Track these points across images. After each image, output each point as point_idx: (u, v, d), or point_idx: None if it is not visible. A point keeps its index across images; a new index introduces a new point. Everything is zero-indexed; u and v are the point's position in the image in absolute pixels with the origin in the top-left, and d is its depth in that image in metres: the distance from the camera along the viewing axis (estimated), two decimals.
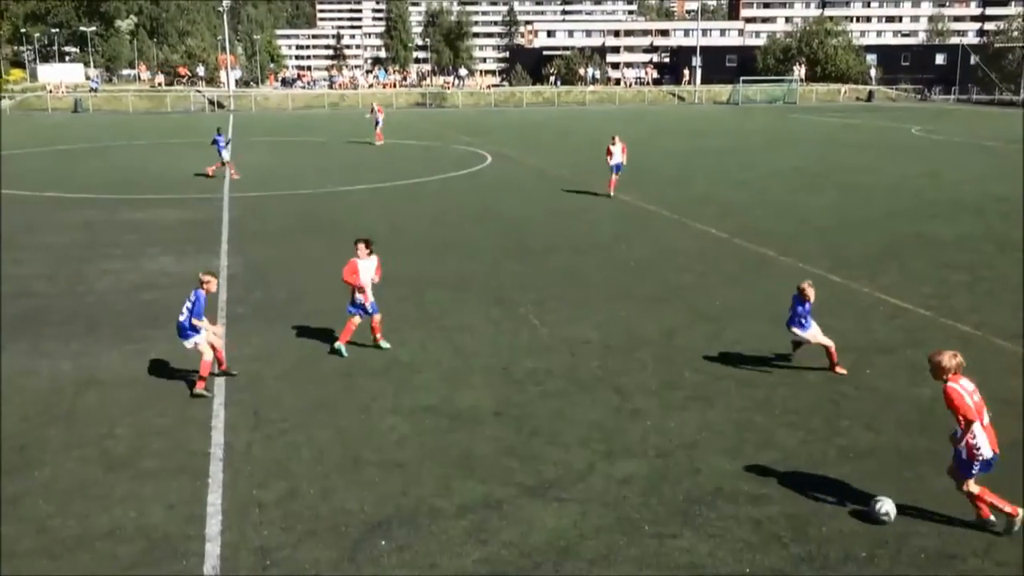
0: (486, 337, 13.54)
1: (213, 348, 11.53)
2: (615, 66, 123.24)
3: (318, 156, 39.63)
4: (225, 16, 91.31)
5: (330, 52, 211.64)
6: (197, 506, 8.41)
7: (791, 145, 44.21)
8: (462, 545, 7.74)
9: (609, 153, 27.84)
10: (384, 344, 12.97)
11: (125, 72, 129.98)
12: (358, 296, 12.84)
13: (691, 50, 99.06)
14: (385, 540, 7.82)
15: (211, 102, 79.66)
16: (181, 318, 11.27)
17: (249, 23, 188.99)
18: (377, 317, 12.95)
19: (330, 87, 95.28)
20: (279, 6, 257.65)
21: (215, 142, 32.36)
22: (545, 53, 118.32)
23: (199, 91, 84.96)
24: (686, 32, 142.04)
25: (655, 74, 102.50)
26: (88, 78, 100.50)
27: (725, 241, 20.54)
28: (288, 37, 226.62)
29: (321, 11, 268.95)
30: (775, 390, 11.29)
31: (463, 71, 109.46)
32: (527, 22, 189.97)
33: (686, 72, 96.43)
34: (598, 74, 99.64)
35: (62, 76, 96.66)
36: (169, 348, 12.81)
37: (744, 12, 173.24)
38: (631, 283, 16.77)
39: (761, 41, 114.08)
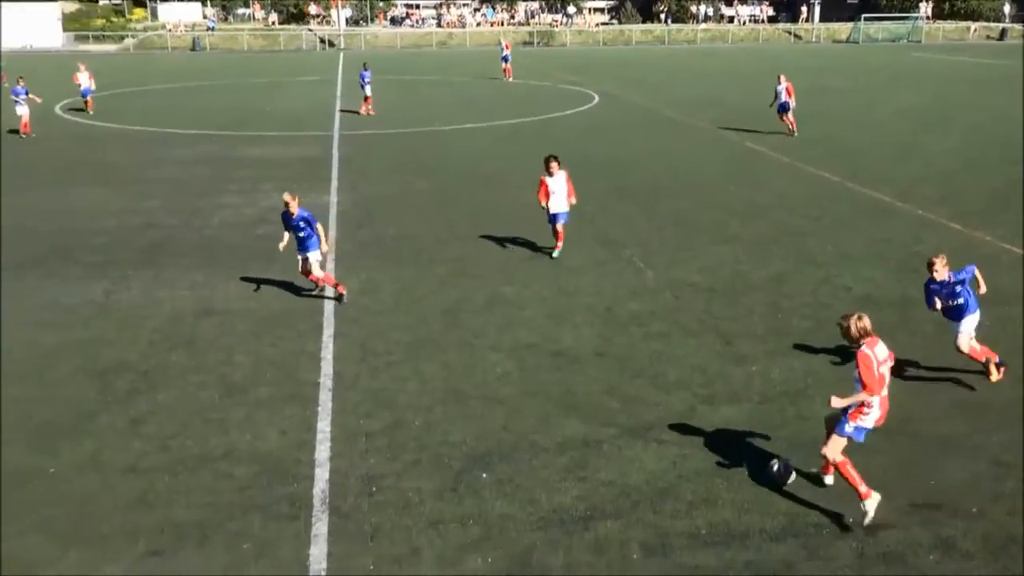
0: (590, 278, 13.52)
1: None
2: (728, 3, 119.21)
3: (426, 95, 39.79)
4: None
5: None
6: (307, 433, 8.74)
7: (914, 86, 42.15)
8: (561, 481, 7.84)
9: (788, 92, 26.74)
10: (556, 254, 14.48)
11: (240, 11, 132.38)
12: (552, 208, 14.22)
13: None
14: (486, 473, 7.98)
15: (322, 41, 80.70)
16: (302, 235, 12.11)
17: None
18: (560, 224, 14.43)
19: (438, 26, 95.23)
20: None
21: (361, 77, 32.43)
22: None
23: (311, 30, 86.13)
24: None
25: (771, 11, 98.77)
26: (205, 17, 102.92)
27: (839, 185, 19.86)
28: None
29: None
30: (890, 338, 10.93)
31: (571, 9, 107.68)
32: None
33: (803, 9, 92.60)
34: (710, 11, 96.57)
35: (181, 15, 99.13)
36: (281, 282, 13.24)
37: None
38: (739, 226, 16.42)
39: None
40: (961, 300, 9.51)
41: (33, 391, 9.72)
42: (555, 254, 14.53)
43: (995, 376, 9.70)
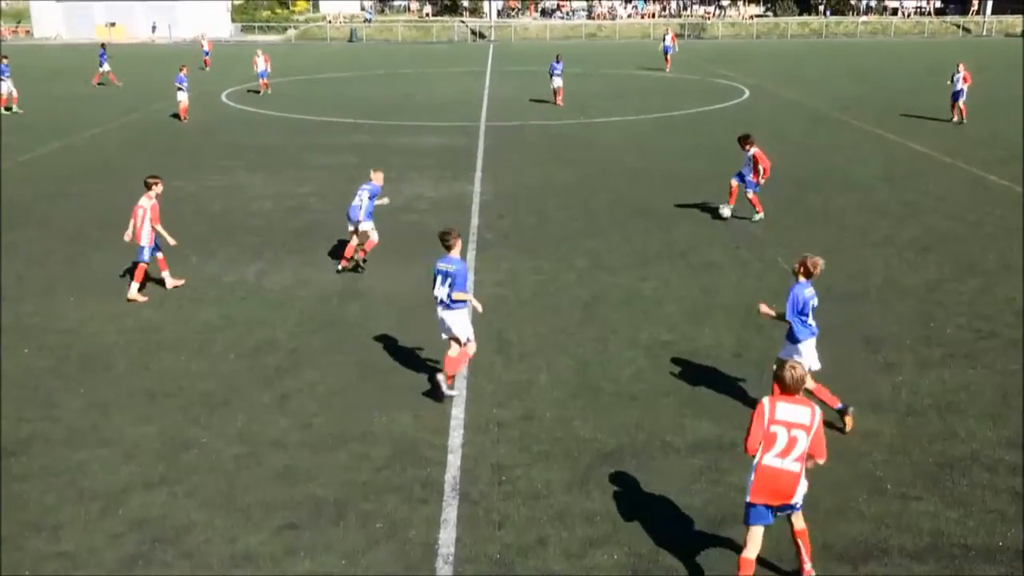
0: (732, 276, 13.22)
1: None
2: None
3: (573, 87, 39.80)
4: None
5: None
6: (442, 418, 8.92)
7: None
8: (692, 483, 7.71)
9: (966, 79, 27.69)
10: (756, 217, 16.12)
11: (396, 3, 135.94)
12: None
13: None
14: (616, 469, 7.94)
15: (473, 32, 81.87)
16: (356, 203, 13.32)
17: None
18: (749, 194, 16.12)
19: (588, 18, 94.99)
20: None
21: (552, 68, 33.25)
22: None
23: (463, 22, 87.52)
24: None
25: (938, 3, 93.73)
26: (363, 8, 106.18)
27: (1006, 189, 18.68)
28: None
29: None
30: None
31: (725, 0, 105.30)
32: None
33: (974, 1, 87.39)
34: (872, 3, 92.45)
35: (340, 7, 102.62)
36: (423, 270, 13.51)
37: None
38: (893, 228, 15.70)
39: None
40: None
41: (193, 364, 10.30)
42: (756, 217, 16.30)
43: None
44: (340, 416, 9.00)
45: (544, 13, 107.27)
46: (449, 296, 9.14)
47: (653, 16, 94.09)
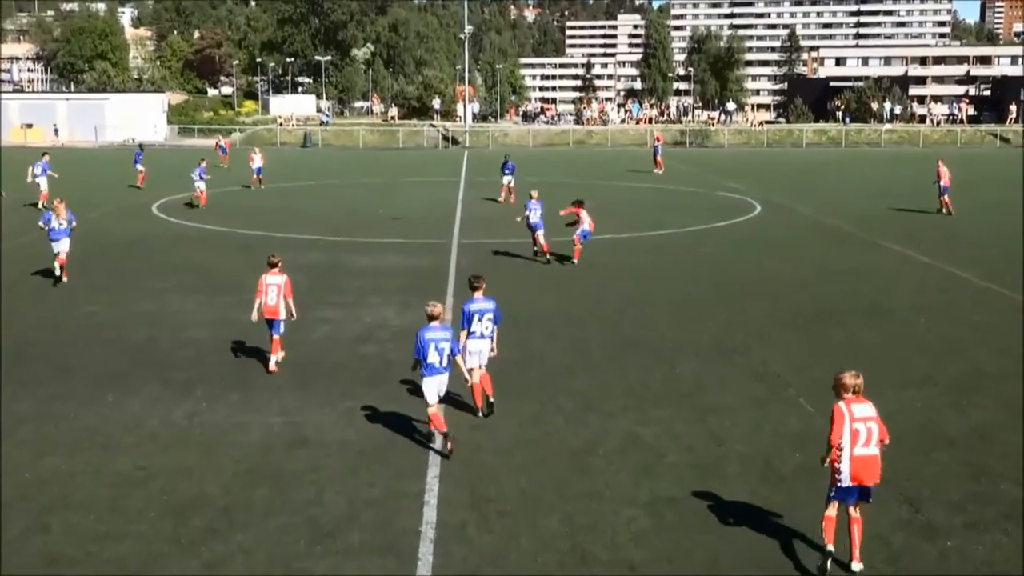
0: (746, 421, 13.18)
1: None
2: (920, 100, 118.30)
3: (559, 200, 40.53)
4: (466, 44, 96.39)
5: (578, 83, 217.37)
6: None
7: None
8: None
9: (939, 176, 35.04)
10: None
11: (358, 104, 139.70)
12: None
13: (1019, 80, 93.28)
14: None
15: (445, 138, 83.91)
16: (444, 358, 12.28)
17: (492, 51, 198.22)
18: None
19: (577, 122, 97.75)
20: (525, 32, 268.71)
21: (504, 168, 40.56)
22: (832, 84, 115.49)
23: (433, 125, 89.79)
24: (1013, 59, 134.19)
25: (971, 110, 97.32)
26: (319, 110, 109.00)
27: None
28: (533, 66, 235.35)
29: (570, 37, 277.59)
30: None
31: (731, 105, 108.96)
32: (811, 48, 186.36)
33: (1012, 108, 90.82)
34: (898, 109, 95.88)
35: (294, 108, 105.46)
36: (383, 411, 13.43)
37: None
38: (932, 366, 15.81)
39: None
40: None
41: (103, 524, 10.03)
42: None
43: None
44: None
45: (526, 117, 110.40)
46: (491, 330, 13.45)
47: (651, 121, 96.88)
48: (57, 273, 22.46)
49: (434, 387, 12.18)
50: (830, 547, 8.88)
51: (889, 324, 18.70)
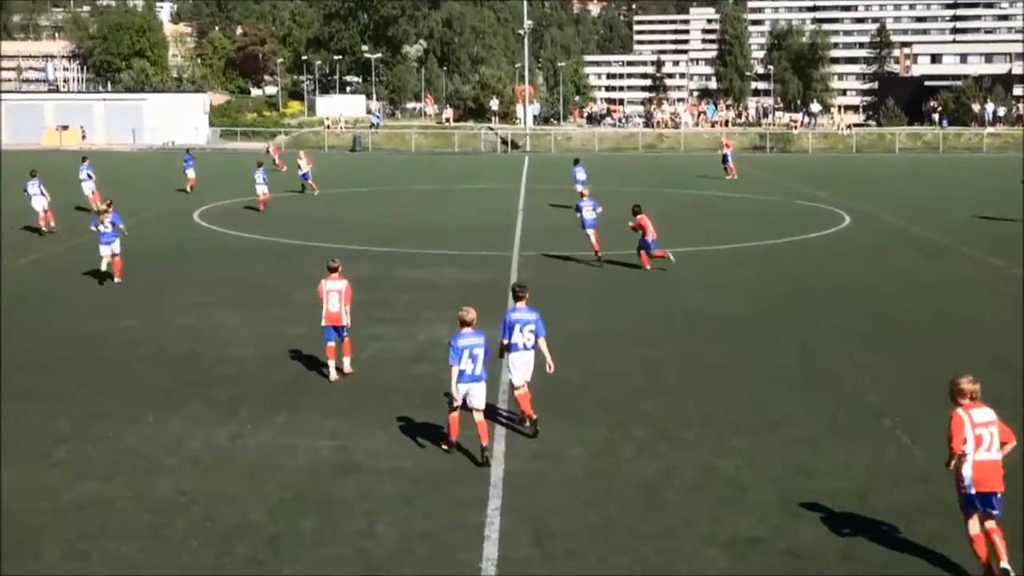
0: (835, 453, 13.02)
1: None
2: None
3: (628, 209, 40.46)
4: (526, 40, 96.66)
5: (647, 82, 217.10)
6: None
7: None
8: None
9: None
10: None
11: (410, 105, 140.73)
12: None
13: None
14: None
15: (504, 141, 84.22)
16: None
17: (554, 48, 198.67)
18: None
19: (646, 125, 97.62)
20: (589, 28, 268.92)
21: (573, 174, 40.23)
22: (927, 84, 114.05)
23: (490, 128, 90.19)
24: None
25: None
26: (369, 111, 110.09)
27: None
28: (598, 64, 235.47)
29: (639, 32, 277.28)
30: None
31: (815, 106, 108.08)
32: (903, 44, 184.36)
33: None
34: (1001, 111, 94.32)
35: (341, 108, 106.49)
36: (439, 436, 13.47)
37: None
38: None
39: None
40: None
41: (144, 553, 10.18)
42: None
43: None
44: None
45: (591, 119, 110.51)
46: (533, 343, 13.55)
47: (726, 124, 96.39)
48: (103, 269, 24.19)
49: (462, 393, 12.76)
50: (992, 564, 9.21)
51: (993, 347, 18.35)
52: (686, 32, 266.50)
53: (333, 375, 16.19)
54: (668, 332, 19.87)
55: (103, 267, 24.18)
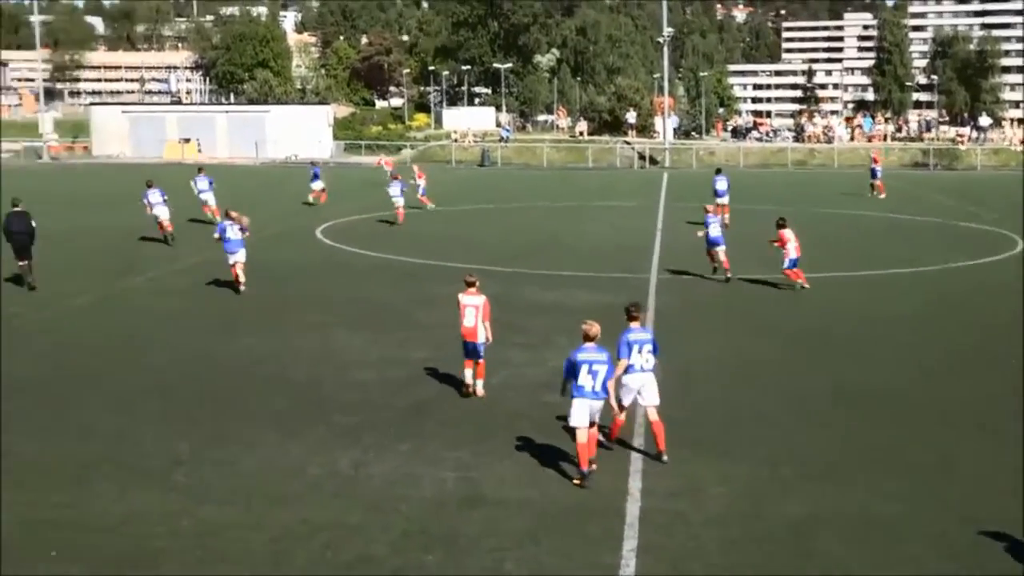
0: (1007, 501, 12.55)
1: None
2: None
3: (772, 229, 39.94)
4: (665, 48, 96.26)
5: (797, 93, 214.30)
6: None
7: None
8: None
9: None
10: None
11: (541, 118, 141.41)
12: None
13: None
14: None
15: (641, 156, 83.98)
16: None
17: (695, 56, 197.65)
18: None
19: (796, 139, 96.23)
20: (734, 35, 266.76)
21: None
22: None
23: (627, 142, 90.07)
24: None
25: None
26: (498, 124, 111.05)
27: None
28: (743, 74, 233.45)
29: (788, 40, 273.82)
30: None
31: (984, 120, 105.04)
32: None
33: None
34: None
35: (469, 121, 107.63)
36: (569, 466, 13.45)
37: None
38: None
39: None
40: None
41: None
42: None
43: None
44: None
45: (736, 133, 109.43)
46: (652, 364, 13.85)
47: (885, 138, 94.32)
48: (235, 278, 25.88)
49: (584, 410, 12.97)
50: None
51: None
52: (840, 39, 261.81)
53: (468, 380, 16.90)
54: (818, 363, 19.50)
55: (239, 275, 25.78)
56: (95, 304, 25.02)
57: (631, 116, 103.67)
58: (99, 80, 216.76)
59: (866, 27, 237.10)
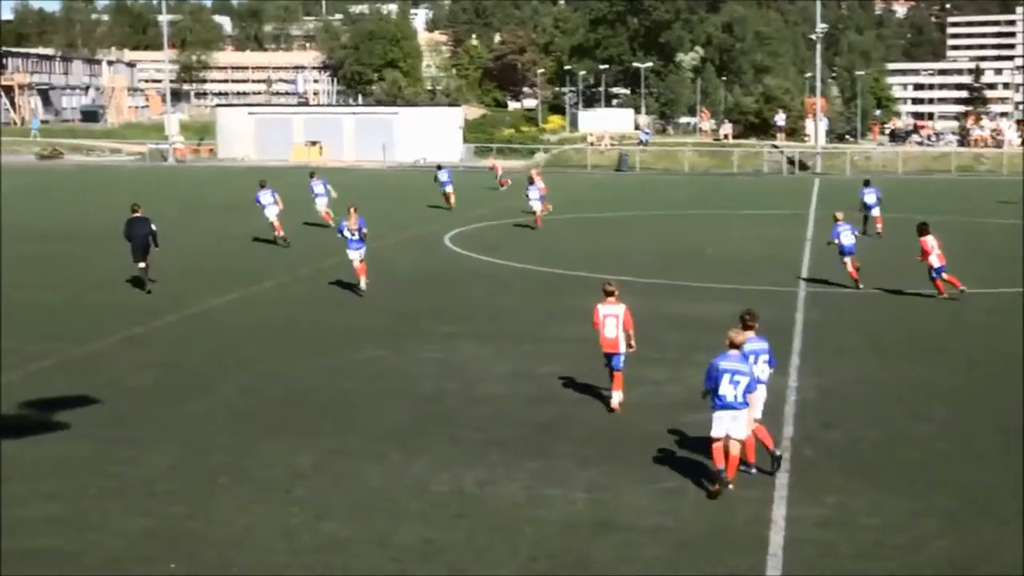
0: None
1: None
2: None
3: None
4: (818, 46, 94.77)
5: (963, 94, 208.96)
6: None
7: None
8: None
9: None
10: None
11: (683, 120, 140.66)
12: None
13: None
14: None
15: (790, 161, 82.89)
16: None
17: (851, 54, 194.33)
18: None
19: (961, 144, 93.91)
20: (894, 31, 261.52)
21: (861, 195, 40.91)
22: None
23: (775, 146, 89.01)
24: None
25: None
26: (637, 127, 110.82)
27: None
28: (904, 73, 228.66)
29: (953, 36, 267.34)
30: None
31: None
32: None
33: None
34: None
35: (606, 124, 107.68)
36: (709, 490, 13.33)
37: None
38: None
39: None
40: None
41: None
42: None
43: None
44: None
45: (894, 137, 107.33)
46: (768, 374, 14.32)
47: None
48: (359, 278, 27.10)
49: (724, 422, 13.23)
50: None
51: None
52: (1011, 35, 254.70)
53: (614, 403, 17.14)
54: (981, 389, 18.94)
55: (360, 276, 26.92)
56: (218, 310, 25.69)
57: (780, 118, 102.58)
58: (225, 81, 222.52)
59: None
